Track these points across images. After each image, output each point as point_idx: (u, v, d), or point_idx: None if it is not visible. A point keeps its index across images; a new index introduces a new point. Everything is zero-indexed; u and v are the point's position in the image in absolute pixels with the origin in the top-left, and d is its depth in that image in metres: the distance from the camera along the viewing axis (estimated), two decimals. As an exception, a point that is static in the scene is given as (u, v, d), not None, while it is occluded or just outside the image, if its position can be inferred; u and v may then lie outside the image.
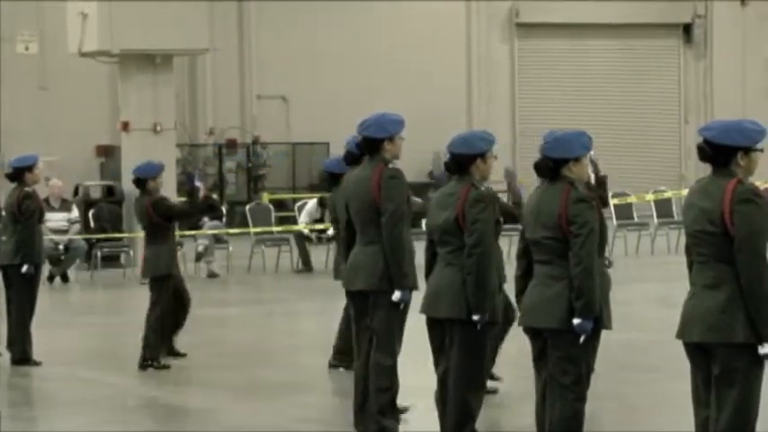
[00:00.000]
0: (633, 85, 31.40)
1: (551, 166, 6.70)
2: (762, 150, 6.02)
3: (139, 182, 11.45)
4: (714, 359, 5.89)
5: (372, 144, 7.99)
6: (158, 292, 11.34)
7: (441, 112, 29.69)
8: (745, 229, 5.82)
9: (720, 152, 5.94)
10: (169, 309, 11.47)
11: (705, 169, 6.11)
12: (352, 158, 8.74)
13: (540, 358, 6.75)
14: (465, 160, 7.36)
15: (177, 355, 11.69)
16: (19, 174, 11.67)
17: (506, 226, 8.13)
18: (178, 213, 11.69)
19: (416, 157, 29.40)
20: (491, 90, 30.84)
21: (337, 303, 11.75)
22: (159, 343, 11.37)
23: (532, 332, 6.76)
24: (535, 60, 31.22)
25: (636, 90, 31.40)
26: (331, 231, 20.37)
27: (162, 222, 11.31)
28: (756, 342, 5.80)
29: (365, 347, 8.05)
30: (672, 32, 31.98)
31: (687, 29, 31.87)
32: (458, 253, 7.29)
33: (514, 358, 9.49)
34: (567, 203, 6.60)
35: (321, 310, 16.24)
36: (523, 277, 6.84)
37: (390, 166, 8.01)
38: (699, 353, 5.98)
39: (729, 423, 5.84)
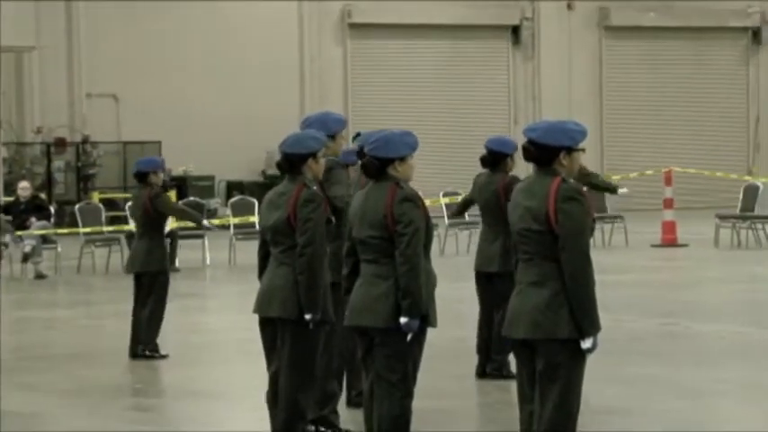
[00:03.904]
0: (464, 85, 31.79)
1: (377, 166, 6.78)
2: (583, 150, 6.17)
3: (140, 175, 11.58)
4: (538, 355, 6.02)
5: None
6: (149, 287, 11.50)
7: (273, 112, 29.63)
8: (569, 227, 5.96)
9: (544, 152, 6.07)
10: (162, 304, 11.62)
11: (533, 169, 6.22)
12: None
13: (367, 357, 6.81)
14: (297, 159, 7.37)
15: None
16: None
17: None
18: (173, 211, 11.98)
19: (249, 156, 29.34)
20: (324, 90, 30.88)
21: (168, 304, 11.68)
22: (156, 334, 11.54)
23: (359, 331, 6.82)
24: (368, 61, 31.38)
25: (467, 91, 31.79)
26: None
27: (157, 217, 11.49)
28: (579, 337, 5.95)
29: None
30: (501, 34, 32.46)
31: (516, 30, 32.41)
32: (290, 252, 7.29)
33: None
34: (392, 203, 6.67)
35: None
36: (350, 276, 6.90)
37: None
38: (524, 349, 6.09)
39: (552, 417, 5.97)
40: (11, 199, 19.92)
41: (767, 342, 12.02)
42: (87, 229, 20.01)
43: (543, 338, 5.97)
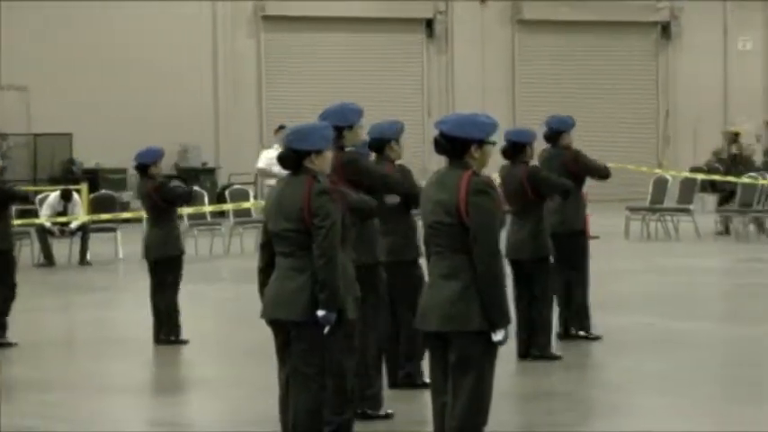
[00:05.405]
0: (378, 77, 31.82)
1: (294, 158, 6.78)
2: (494, 143, 6.21)
3: (141, 168, 11.80)
4: (451, 347, 6.05)
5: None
6: (168, 272, 11.74)
7: (187, 107, 29.49)
8: (480, 220, 6.00)
9: (455, 145, 6.10)
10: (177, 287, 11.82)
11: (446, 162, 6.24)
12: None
13: (283, 350, 6.81)
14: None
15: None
16: None
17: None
18: (180, 197, 12.10)
19: (165, 150, 29.07)
20: (237, 83, 30.76)
21: (79, 298, 11.61)
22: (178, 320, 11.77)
23: (276, 324, 6.81)
24: (281, 53, 31.29)
25: (381, 83, 31.83)
26: (74, 224, 19.97)
27: (164, 206, 11.73)
28: (490, 329, 5.99)
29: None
30: (415, 27, 32.57)
31: (429, 24, 32.54)
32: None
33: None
34: (309, 196, 6.68)
35: (63, 306, 15.90)
36: (265, 270, 6.88)
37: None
38: (437, 341, 6.13)
39: (465, 409, 6.01)
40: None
41: (677, 333, 12.19)
42: (-3, 223, 19.71)
43: (455, 331, 6.01)
